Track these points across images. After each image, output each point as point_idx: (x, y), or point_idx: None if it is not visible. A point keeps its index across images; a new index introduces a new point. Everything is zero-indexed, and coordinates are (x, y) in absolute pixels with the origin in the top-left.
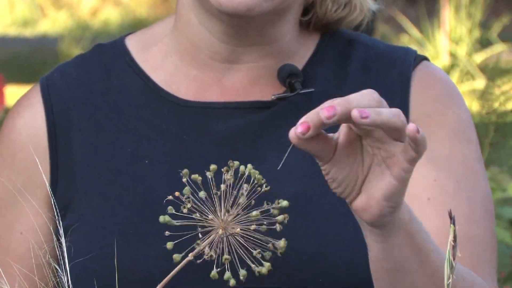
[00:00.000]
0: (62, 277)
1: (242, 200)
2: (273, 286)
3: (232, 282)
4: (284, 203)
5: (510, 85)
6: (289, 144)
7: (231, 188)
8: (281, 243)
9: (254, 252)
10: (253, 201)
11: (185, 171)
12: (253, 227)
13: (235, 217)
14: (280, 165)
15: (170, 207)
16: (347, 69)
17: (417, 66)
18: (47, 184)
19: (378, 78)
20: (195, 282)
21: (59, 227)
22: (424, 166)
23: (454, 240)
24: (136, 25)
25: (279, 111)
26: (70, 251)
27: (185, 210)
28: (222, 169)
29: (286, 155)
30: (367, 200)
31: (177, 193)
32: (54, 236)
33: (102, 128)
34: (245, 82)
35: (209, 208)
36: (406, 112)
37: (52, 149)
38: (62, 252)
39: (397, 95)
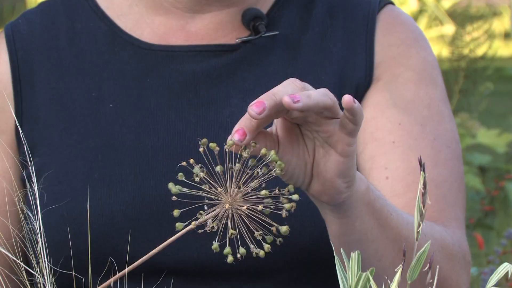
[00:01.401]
0: (34, 224)
1: (259, 180)
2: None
3: (230, 259)
4: (295, 196)
5: (480, 31)
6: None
7: (246, 166)
8: (284, 228)
9: (256, 233)
10: (264, 184)
11: (204, 140)
12: (260, 207)
13: (244, 195)
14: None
15: (180, 173)
16: (313, 12)
17: (382, 9)
18: (19, 127)
19: (344, 22)
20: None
21: (31, 172)
22: (389, 110)
23: (424, 187)
24: None
25: (244, 54)
26: (43, 196)
27: (197, 179)
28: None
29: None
30: (322, 183)
31: (191, 160)
32: (23, 181)
33: (67, 73)
34: (210, 27)
35: (218, 182)
36: (371, 55)
37: (17, 95)
38: (35, 196)
39: (362, 38)
